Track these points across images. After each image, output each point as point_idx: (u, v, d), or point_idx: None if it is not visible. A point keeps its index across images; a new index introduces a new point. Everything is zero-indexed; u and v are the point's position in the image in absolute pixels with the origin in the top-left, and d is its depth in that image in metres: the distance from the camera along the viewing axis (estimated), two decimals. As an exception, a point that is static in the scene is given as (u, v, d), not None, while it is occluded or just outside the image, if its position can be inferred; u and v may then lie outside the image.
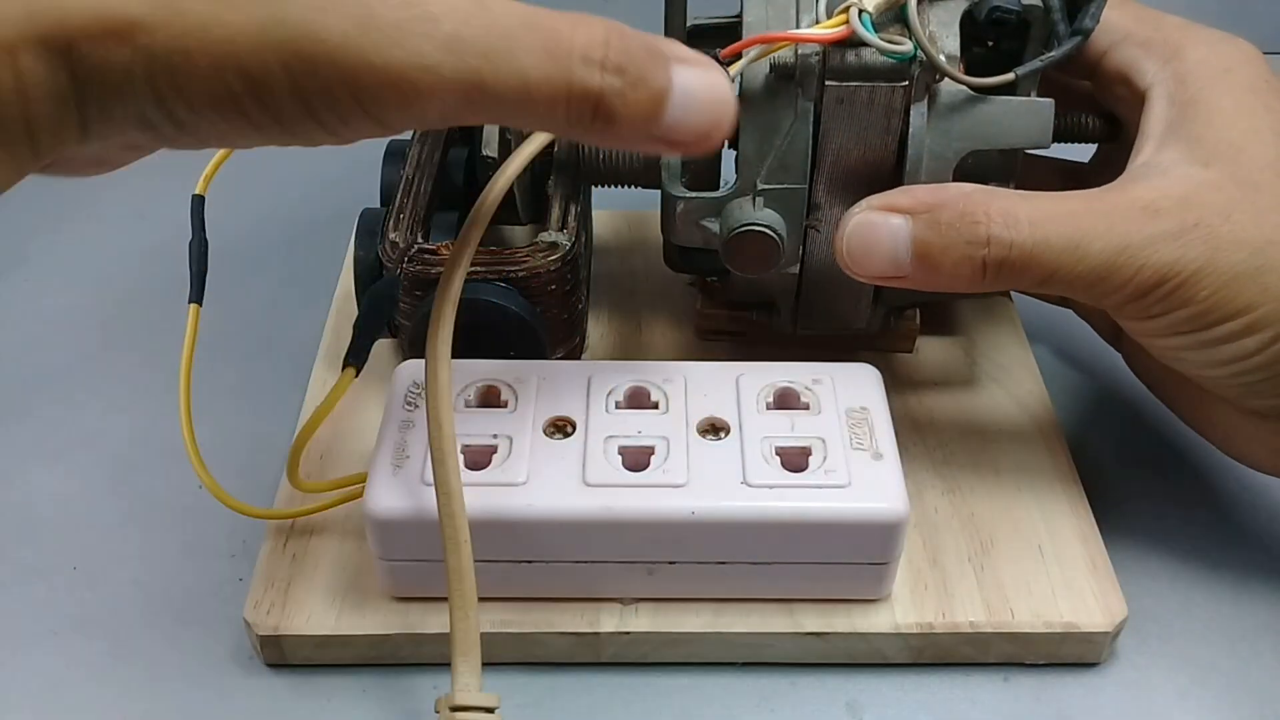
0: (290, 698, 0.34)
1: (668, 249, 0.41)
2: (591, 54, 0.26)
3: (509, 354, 0.37)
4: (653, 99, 0.27)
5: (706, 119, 0.28)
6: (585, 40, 0.26)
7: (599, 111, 0.26)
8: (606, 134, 0.27)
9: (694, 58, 0.28)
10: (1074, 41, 0.35)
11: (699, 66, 0.28)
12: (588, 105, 0.26)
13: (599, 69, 0.26)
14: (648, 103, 0.27)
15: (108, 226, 0.53)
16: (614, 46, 0.26)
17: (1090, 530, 0.37)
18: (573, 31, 0.26)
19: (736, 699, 0.34)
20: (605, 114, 0.26)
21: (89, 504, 0.40)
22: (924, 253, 0.33)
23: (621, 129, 0.27)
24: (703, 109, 0.27)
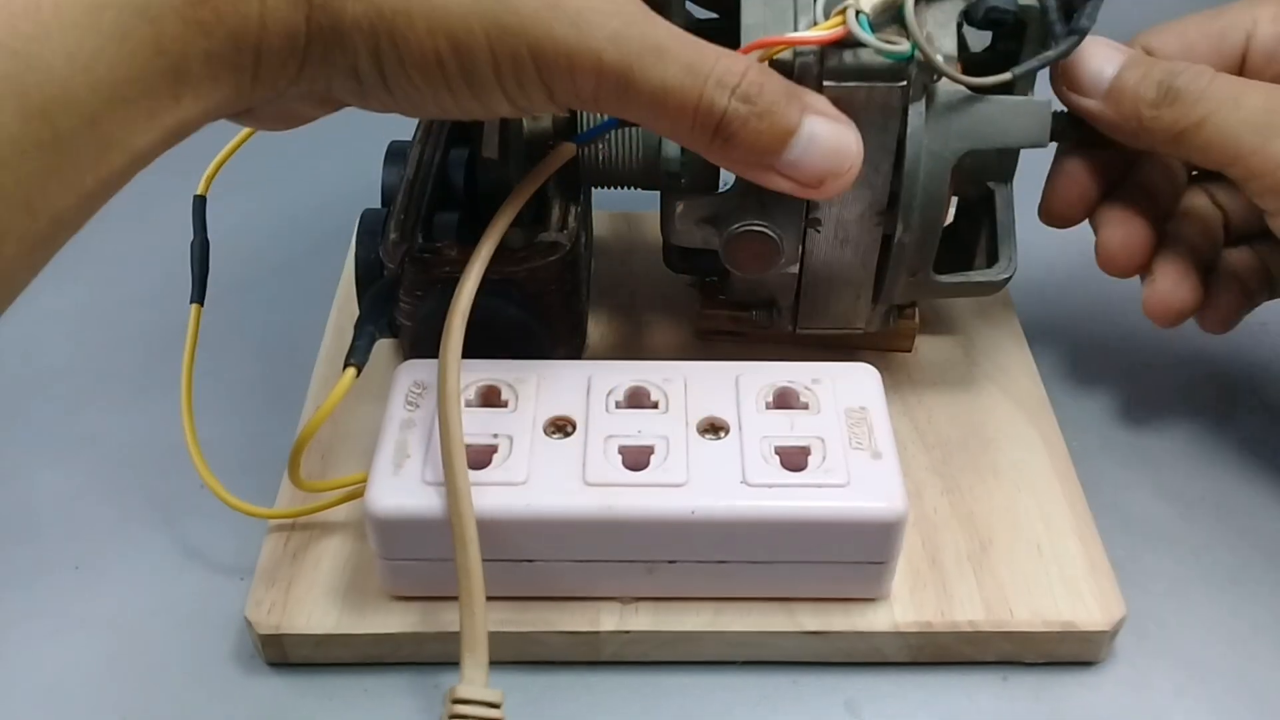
0: (291, 697, 0.34)
1: (668, 249, 0.41)
2: (726, 80, 0.30)
3: (509, 354, 0.37)
4: (775, 133, 0.31)
5: (825, 166, 0.32)
6: (724, 68, 0.30)
7: (719, 130, 0.31)
8: (725, 153, 0.31)
9: (832, 113, 0.32)
10: (1070, 41, 0.35)
11: (833, 121, 0.32)
12: (711, 122, 0.30)
13: (729, 93, 0.30)
14: (769, 134, 0.31)
15: (109, 227, 0.52)
16: (749, 79, 0.30)
17: (1089, 530, 0.37)
18: (716, 58, 0.30)
19: (736, 698, 0.34)
20: (725, 133, 0.31)
21: (90, 503, 0.40)
22: (1124, 74, 0.36)
23: (738, 151, 0.31)
24: (824, 157, 0.32)
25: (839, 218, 0.37)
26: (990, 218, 0.39)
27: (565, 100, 0.30)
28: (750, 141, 0.31)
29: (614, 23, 0.29)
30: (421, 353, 0.38)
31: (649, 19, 0.30)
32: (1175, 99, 0.35)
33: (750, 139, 0.31)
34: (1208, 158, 0.36)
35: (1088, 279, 0.48)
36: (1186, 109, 0.35)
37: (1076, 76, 0.36)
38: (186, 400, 0.37)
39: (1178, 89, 0.35)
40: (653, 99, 0.30)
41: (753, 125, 0.31)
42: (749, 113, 0.30)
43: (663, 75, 0.30)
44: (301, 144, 0.50)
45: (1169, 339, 0.46)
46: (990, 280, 0.38)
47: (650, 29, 0.30)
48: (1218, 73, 0.35)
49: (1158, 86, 0.35)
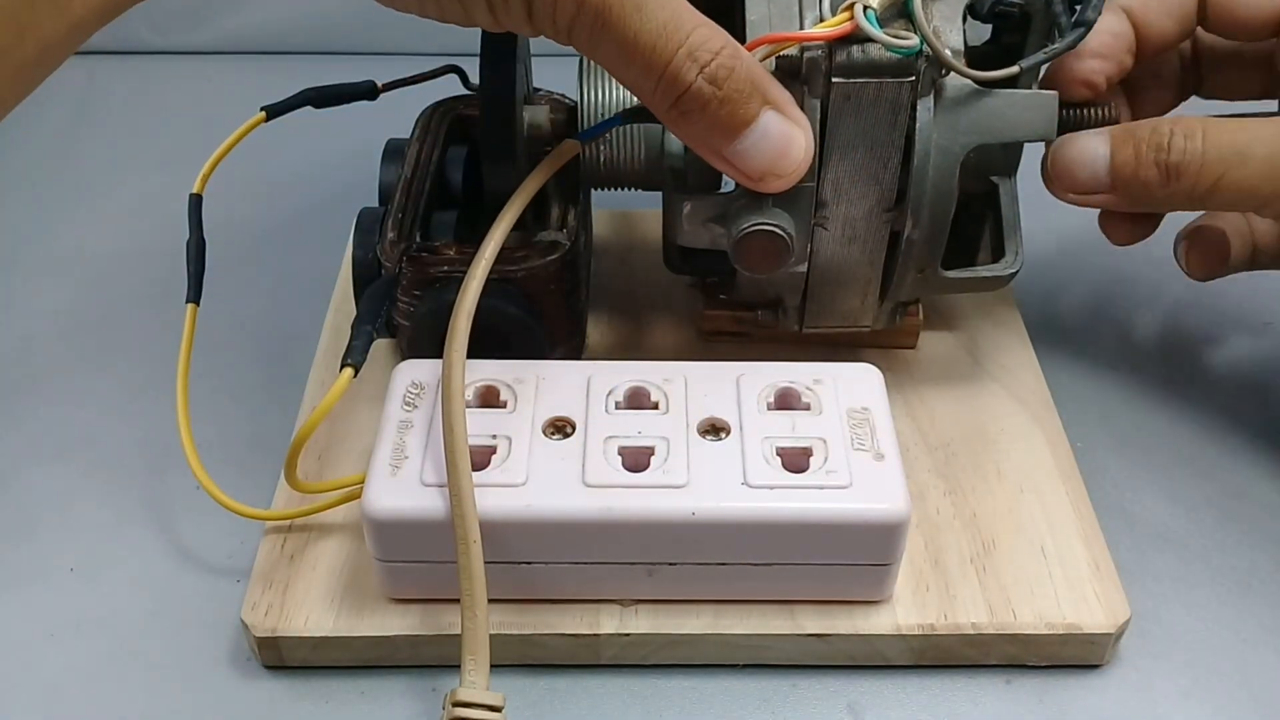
0: (288, 700, 0.34)
1: (668, 250, 0.41)
2: (698, 54, 0.30)
3: (508, 354, 0.37)
4: (731, 121, 0.31)
5: (768, 164, 0.32)
6: (700, 40, 0.30)
7: (680, 103, 0.31)
8: (680, 125, 0.32)
9: (790, 111, 0.33)
10: (1076, 33, 0.34)
11: (788, 120, 0.32)
12: (674, 91, 0.31)
13: (697, 68, 0.30)
14: (725, 121, 0.31)
15: (105, 226, 0.53)
16: (721, 60, 0.31)
17: (1093, 531, 0.37)
18: (695, 28, 0.31)
19: (737, 701, 0.34)
20: (684, 108, 0.31)
21: (86, 505, 0.39)
22: (1120, 162, 0.36)
23: (693, 129, 0.32)
24: (770, 154, 0.32)
25: (846, 215, 0.37)
26: (995, 212, 0.39)
27: (542, 24, 0.30)
28: (705, 122, 0.31)
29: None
30: (419, 353, 0.38)
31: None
32: (1180, 173, 0.35)
33: (706, 120, 0.31)
34: (1236, 208, 0.37)
35: (1091, 277, 0.48)
36: (1195, 179, 0.35)
37: (1075, 178, 0.37)
38: (182, 401, 0.37)
39: (1177, 165, 0.35)
40: (623, 47, 0.30)
41: (712, 108, 0.31)
42: (711, 94, 0.31)
43: (638, 27, 0.30)
44: (299, 142, 0.50)
45: (1173, 339, 0.46)
46: (997, 275, 0.38)
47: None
48: (1206, 127, 0.35)
49: (1156, 166, 0.35)
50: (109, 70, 0.64)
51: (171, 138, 0.59)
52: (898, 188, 0.36)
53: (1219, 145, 0.35)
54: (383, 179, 0.42)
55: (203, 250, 0.39)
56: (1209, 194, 0.35)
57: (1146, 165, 0.36)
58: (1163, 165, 0.35)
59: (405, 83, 0.43)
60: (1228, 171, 0.35)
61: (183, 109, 0.62)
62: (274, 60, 0.64)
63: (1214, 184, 0.35)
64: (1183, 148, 0.35)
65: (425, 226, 0.40)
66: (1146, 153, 0.36)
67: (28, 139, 0.59)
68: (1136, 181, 0.36)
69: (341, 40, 0.63)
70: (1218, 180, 0.35)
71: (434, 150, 0.42)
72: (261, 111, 0.40)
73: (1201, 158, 0.35)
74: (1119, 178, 0.36)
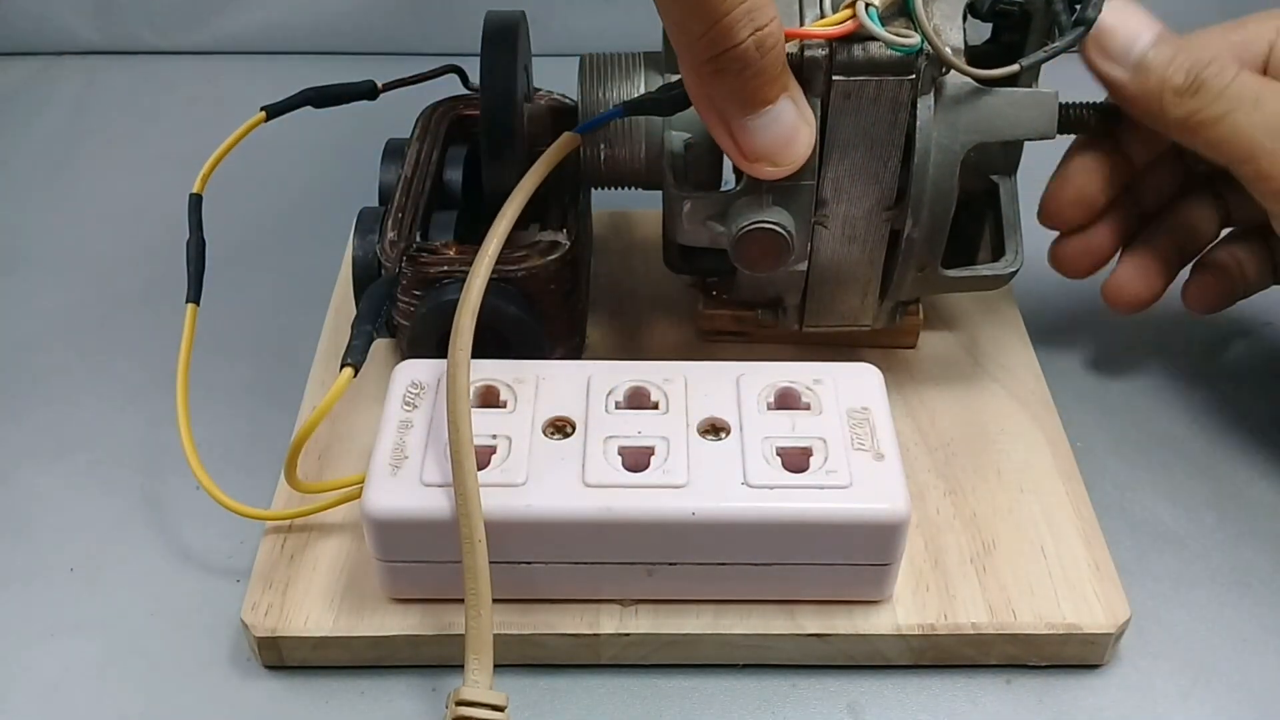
0: (288, 700, 0.34)
1: (668, 249, 0.41)
2: (756, 16, 0.30)
3: (508, 354, 0.37)
4: (758, 94, 0.31)
5: (770, 148, 0.33)
6: (758, 4, 0.30)
7: (720, 59, 0.31)
8: (710, 82, 0.31)
9: (804, 106, 0.33)
10: (1077, 32, 0.34)
11: (800, 113, 0.33)
12: (719, 45, 0.30)
13: (751, 29, 0.30)
14: (751, 92, 0.31)
15: (105, 225, 0.53)
16: (772, 29, 0.31)
17: (1093, 531, 0.37)
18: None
19: (737, 701, 0.34)
20: (722, 64, 0.31)
21: (86, 505, 0.39)
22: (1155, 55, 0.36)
23: (720, 89, 0.31)
24: (776, 139, 0.33)
25: (847, 214, 0.37)
26: (995, 211, 0.39)
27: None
28: (734, 86, 0.31)
29: None
30: (419, 352, 0.38)
31: None
32: (1199, 89, 0.35)
33: (737, 84, 0.31)
34: (1219, 153, 0.36)
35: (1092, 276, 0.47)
36: (1208, 101, 0.35)
37: (1108, 43, 0.37)
38: (182, 401, 0.37)
39: (1203, 80, 0.35)
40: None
41: (747, 74, 0.31)
42: (754, 59, 0.31)
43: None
44: (298, 142, 0.50)
45: (1174, 339, 0.46)
46: (997, 274, 0.38)
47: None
48: (1245, 70, 0.36)
49: (1186, 73, 0.36)
50: (109, 70, 0.64)
51: (171, 138, 0.59)
52: (898, 186, 0.36)
53: (1243, 84, 0.35)
54: (383, 179, 0.42)
55: (203, 250, 0.39)
56: (1211, 122, 0.36)
57: (1176, 68, 0.36)
58: (1190, 75, 0.36)
59: (405, 83, 0.43)
60: (1238, 107, 0.35)
61: (183, 109, 0.62)
62: (274, 60, 0.64)
63: (1220, 115, 0.35)
64: (1216, 71, 0.36)
65: (425, 226, 0.40)
66: (1182, 60, 0.36)
67: (28, 139, 0.59)
68: (1157, 74, 0.36)
69: (341, 40, 0.63)
70: (1226, 113, 0.35)
71: (434, 150, 0.42)
72: (261, 111, 0.40)
73: (1225, 86, 0.35)
74: (1146, 62, 0.36)
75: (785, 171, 0.33)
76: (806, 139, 0.33)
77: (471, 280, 0.34)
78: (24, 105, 0.62)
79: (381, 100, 0.43)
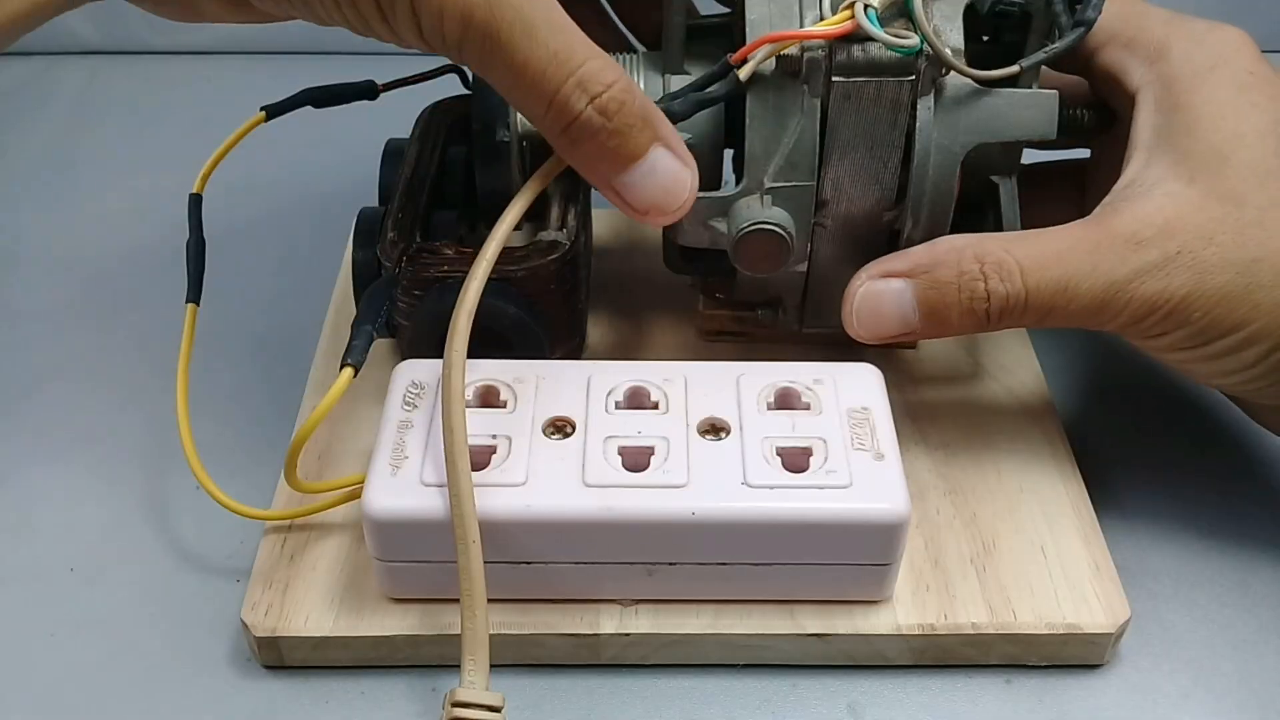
0: (287, 700, 0.34)
1: (668, 250, 0.41)
2: (589, 85, 0.31)
3: (508, 354, 0.37)
4: (621, 153, 0.32)
5: (654, 199, 0.33)
6: (592, 71, 0.31)
7: (568, 130, 0.31)
8: (569, 153, 0.32)
9: (680, 150, 0.33)
10: (1077, 33, 0.34)
11: (677, 159, 0.33)
12: (563, 119, 0.31)
13: (587, 99, 0.31)
14: (614, 153, 0.32)
15: (105, 225, 0.53)
16: (612, 94, 0.31)
17: (1093, 531, 0.37)
18: (587, 59, 0.31)
19: (737, 701, 0.34)
20: (573, 135, 0.31)
21: (86, 505, 0.39)
22: (929, 311, 0.34)
23: (580, 156, 0.32)
24: (657, 190, 0.32)
25: (846, 215, 0.37)
26: (995, 211, 0.39)
27: (433, 41, 0.30)
28: (594, 152, 0.32)
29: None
30: (419, 352, 0.37)
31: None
32: (1004, 315, 0.34)
33: (595, 150, 0.32)
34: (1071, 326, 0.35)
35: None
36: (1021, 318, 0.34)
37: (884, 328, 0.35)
38: (182, 401, 0.37)
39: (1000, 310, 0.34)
40: (512, 73, 0.30)
41: (601, 139, 0.31)
42: (601, 125, 0.31)
43: (527, 55, 0.30)
44: (298, 142, 0.50)
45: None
46: None
47: (531, 4, 0.30)
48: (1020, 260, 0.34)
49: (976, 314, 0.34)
50: (109, 70, 0.64)
51: (171, 138, 0.59)
52: (898, 187, 0.36)
53: (1040, 285, 0.33)
54: (383, 179, 0.42)
55: (203, 250, 0.39)
56: (1039, 324, 0.34)
57: (964, 313, 0.34)
58: (982, 312, 0.34)
59: (405, 83, 0.43)
60: (1055, 308, 0.34)
61: (183, 109, 0.62)
62: (274, 60, 0.64)
63: (1042, 318, 0.34)
64: (1004, 293, 0.34)
65: (425, 226, 0.40)
66: (960, 300, 0.34)
67: (28, 139, 0.59)
68: (954, 326, 0.35)
69: (341, 40, 0.63)
70: (1046, 315, 0.34)
71: (434, 150, 0.42)
72: (261, 111, 0.40)
73: (1025, 300, 0.34)
74: (934, 320, 0.35)
75: (675, 217, 0.33)
76: (688, 183, 0.33)
77: (469, 283, 0.34)
78: (24, 105, 0.62)
79: (381, 100, 0.43)
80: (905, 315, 0.35)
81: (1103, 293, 0.33)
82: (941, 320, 0.34)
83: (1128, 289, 0.33)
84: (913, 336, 0.35)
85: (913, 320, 0.35)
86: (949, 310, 0.34)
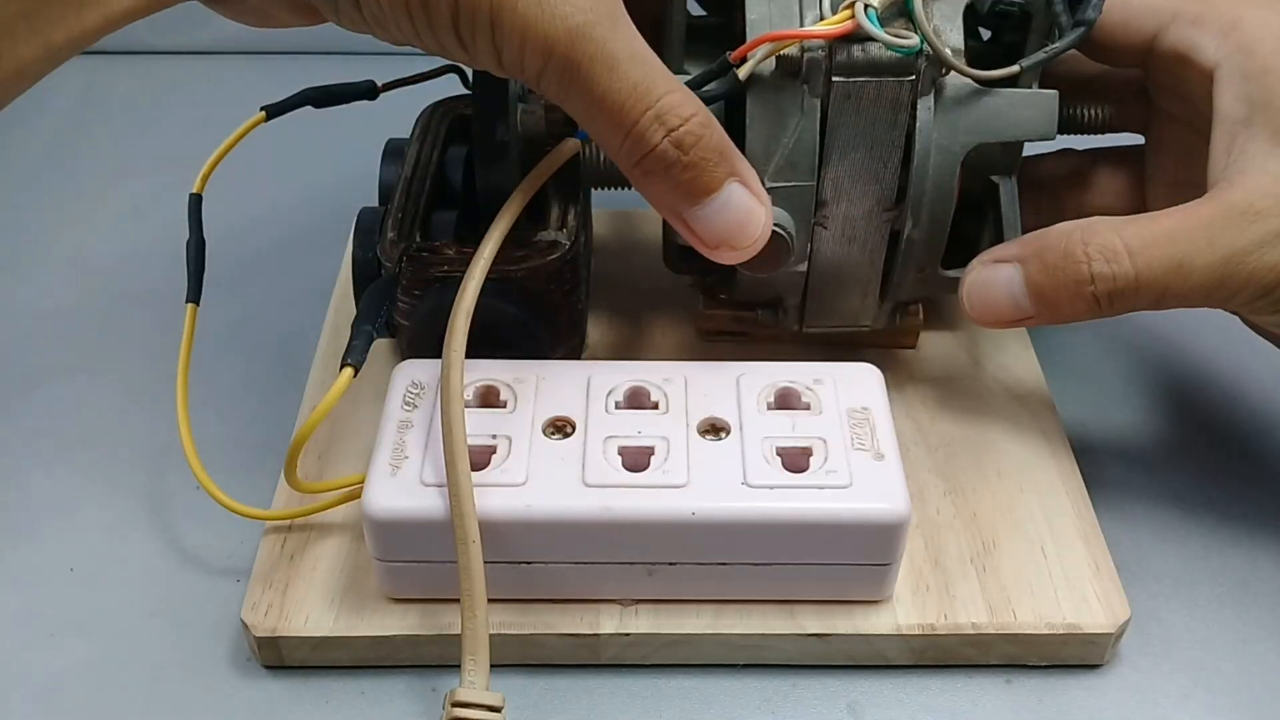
0: (288, 700, 0.34)
1: (668, 250, 0.41)
2: (667, 118, 0.31)
3: (508, 353, 0.37)
4: (695, 187, 0.32)
5: (726, 234, 0.32)
6: (671, 104, 0.31)
7: (643, 162, 0.31)
8: (643, 184, 0.32)
9: (755, 186, 0.33)
10: (1077, 33, 0.34)
11: (752, 195, 0.32)
12: (639, 151, 0.31)
13: (664, 132, 0.31)
14: (688, 186, 0.31)
15: (105, 225, 0.53)
16: (690, 127, 0.31)
17: (1093, 531, 0.37)
18: (666, 92, 0.31)
19: (737, 701, 0.34)
20: (647, 167, 0.31)
21: (85, 505, 0.39)
22: (1039, 294, 0.34)
23: (654, 188, 0.32)
24: (729, 226, 0.32)
25: (847, 214, 0.37)
26: (995, 211, 0.39)
27: (512, 70, 0.31)
28: (668, 185, 0.32)
29: (579, 18, 0.29)
30: (419, 352, 0.37)
31: (615, 25, 0.30)
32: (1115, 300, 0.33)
33: (669, 183, 0.32)
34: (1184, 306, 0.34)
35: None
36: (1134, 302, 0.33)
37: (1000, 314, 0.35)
38: (182, 401, 0.37)
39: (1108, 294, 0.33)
40: (590, 104, 0.30)
41: (675, 172, 0.31)
42: (677, 158, 0.31)
43: (607, 86, 0.30)
44: (298, 142, 0.50)
45: (1173, 339, 0.46)
46: None
47: (610, 36, 0.30)
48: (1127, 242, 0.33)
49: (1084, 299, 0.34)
50: (109, 70, 0.64)
51: (171, 138, 0.59)
52: (898, 187, 0.36)
53: (1151, 264, 0.33)
54: (383, 179, 0.42)
55: (203, 250, 0.39)
56: (1157, 305, 0.33)
57: (1072, 297, 0.34)
58: (1090, 296, 0.33)
59: (405, 83, 0.43)
60: (1169, 288, 0.33)
61: (183, 109, 0.62)
62: (274, 60, 0.64)
63: (1159, 298, 0.33)
64: (1110, 275, 0.33)
65: (425, 226, 0.40)
66: (1067, 284, 0.33)
67: (28, 139, 0.59)
68: (1066, 311, 0.34)
69: (341, 40, 0.63)
70: (1159, 297, 0.33)
71: (434, 150, 0.42)
72: (261, 111, 0.40)
73: (1135, 281, 0.33)
74: (1044, 304, 0.34)
75: (747, 254, 0.33)
76: (761, 219, 0.33)
77: (466, 282, 0.34)
78: (25, 105, 0.62)
79: (381, 100, 0.43)
80: (1016, 300, 0.34)
81: (1221, 267, 0.32)
82: (1051, 304, 0.34)
83: (1247, 262, 0.32)
84: (1032, 321, 0.35)
85: (1025, 305, 0.34)
86: (1058, 294, 0.34)
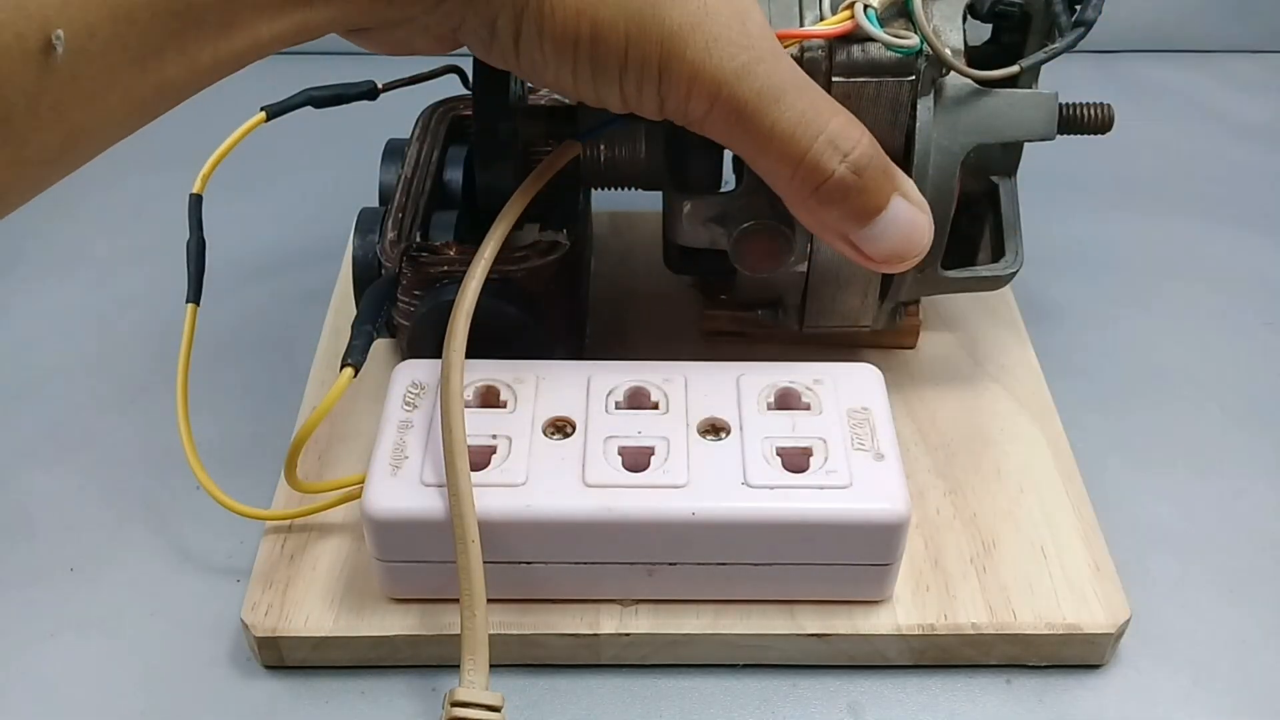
0: (288, 700, 0.34)
1: (668, 250, 0.41)
2: (840, 143, 0.31)
3: (508, 354, 0.37)
4: (868, 208, 0.32)
5: (895, 248, 0.32)
6: (839, 129, 0.31)
7: (820, 189, 0.31)
8: (815, 210, 0.32)
9: (915, 197, 0.33)
10: (1077, 33, 0.34)
11: (914, 205, 0.33)
12: (816, 179, 0.31)
13: (840, 157, 0.31)
14: (862, 208, 0.32)
15: (105, 226, 0.53)
16: (862, 149, 0.31)
17: (1093, 531, 0.37)
18: (833, 115, 0.31)
19: (737, 701, 0.34)
20: (825, 195, 0.31)
21: (86, 505, 0.39)
22: None
23: (830, 214, 0.32)
24: (896, 239, 0.32)
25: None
26: (995, 212, 0.39)
27: (674, 114, 0.31)
28: (844, 211, 0.32)
29: (744, 57, 0.30)
30: (419, 353, 0.37)
31: (777, 59, 0.30)
32: None
33: (845, 209, 0.32)
34: None
35: (1091, 276, 0.47)
36: None
37: None
38: (182, 401, 0.37)
39: None
40: (761, 140, 0.30)
41: (851, 196, 0.31)
42: (854, 183, 0.31)
43: (775, 120, 0.30)
44: (298, 142, 0.50)
45: (1173, 339, 0.46)
46: (996, 275, 0.38)
47: (775, 70, 0.30)
48: None
49: None
50: (109, 70, 0.64)
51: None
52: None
53: None
54: (383, 179, 0.42)
55: (203, 250, 0.39)
56: None
57: None
58: None
59: (405, 83, 0.43)
60: None
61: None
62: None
63: None
64: None
65: (425, 226, 0.40)
66: None
67: (28, 139, 0.59)
68: None
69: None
70: None
71: (434, 150, 0.42)
72: (261, 111, 0.40)
73: None
74: None
75: (913, 264, 0.33)
76: (925, 228, 0.33)
77: (466, 283, 0.34)
78: (24, 105, 0.62)
79: (381, 100, 0.43)
80: None
81: None
82: None
83: None
84: None
85: None
86: None
